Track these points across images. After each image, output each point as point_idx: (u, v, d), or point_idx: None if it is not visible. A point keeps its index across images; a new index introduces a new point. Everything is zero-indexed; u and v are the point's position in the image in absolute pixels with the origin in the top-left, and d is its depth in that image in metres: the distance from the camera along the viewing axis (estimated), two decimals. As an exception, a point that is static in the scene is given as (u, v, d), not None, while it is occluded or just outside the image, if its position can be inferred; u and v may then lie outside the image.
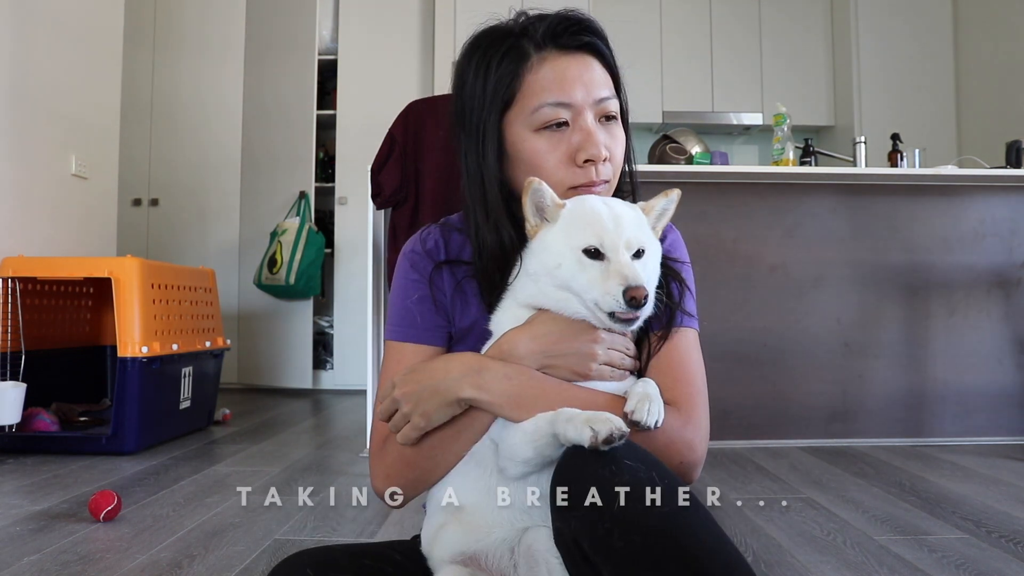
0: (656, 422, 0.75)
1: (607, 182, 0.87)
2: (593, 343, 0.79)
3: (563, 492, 0.68)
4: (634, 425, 0.74)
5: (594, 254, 0.75)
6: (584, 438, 0.68)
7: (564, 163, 0.84)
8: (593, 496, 0.65)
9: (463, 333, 0.90)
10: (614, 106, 0.86)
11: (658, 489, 0.65)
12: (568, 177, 0.84)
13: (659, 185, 0.94)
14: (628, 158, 0.93)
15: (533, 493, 0.75)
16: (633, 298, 0.72)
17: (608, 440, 0.67)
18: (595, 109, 0.84)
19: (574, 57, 0.85)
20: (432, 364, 0.81)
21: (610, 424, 0.68)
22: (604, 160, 0.84)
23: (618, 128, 0.87)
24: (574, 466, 0.69)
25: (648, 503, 0.64)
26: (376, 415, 0.84)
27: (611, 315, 0.74)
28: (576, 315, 0.78)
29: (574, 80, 0.84)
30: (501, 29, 0.88)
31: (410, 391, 0.79)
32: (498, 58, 0.85)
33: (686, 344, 0.87)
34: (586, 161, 0.84)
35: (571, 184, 0.85)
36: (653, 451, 0.76)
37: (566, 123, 0.84)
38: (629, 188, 0.94)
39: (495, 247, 0.86)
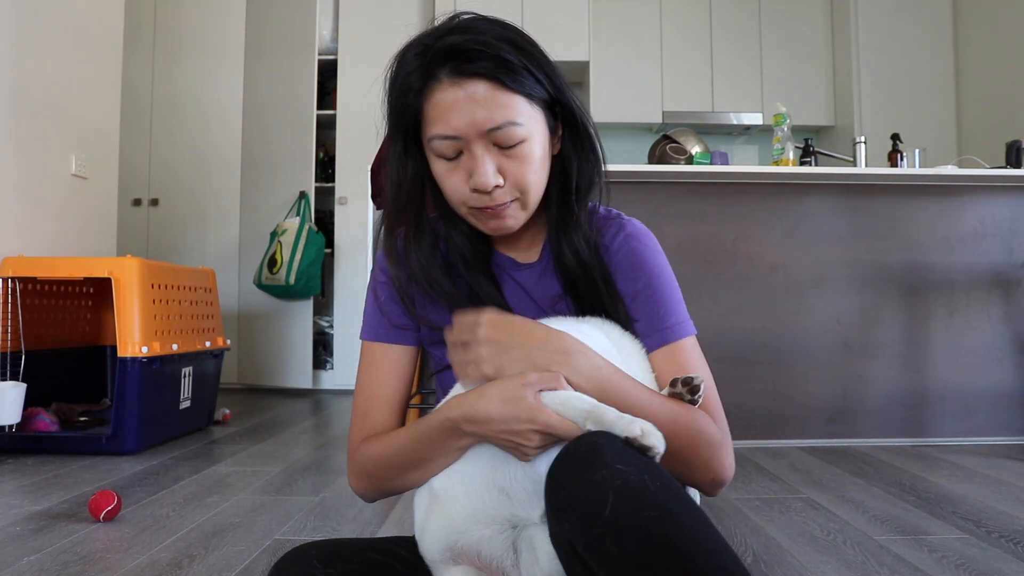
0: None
1: (515, 201, 0.86)
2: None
3: (557, 494, 0.68)
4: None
5: None
6: (633, 430, 0.69)
7: (462, 185, 0.85)
8: (585, 499, 0.65)
9: (435, 330, 0.92)
10: (512, 133, 0.82)
11: (651, 491, 0.64)
12: (469, 199, 0.85)
13: (659, 185, 0.94)
14: (596, 159, 0.91)
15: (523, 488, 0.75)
16: None
17: (644, 449, 0.68)
18: (487, 138, 0.82)
19: (462, 86, 0.81)
20: (528, 326, 0.79)
21: (658, 439, 0.69)
22: (496, 188, 0.83)
23: (522, 150, 0.83)
24: (567, 468, 0.68)
25: (641, 506, 0.63)
26: (447, 337, 0.81)
27: None
28: None
29: (458, 112, 0.81)
30: (414, 47, 0.85)
31: (499, 340, 0.77)
32: (401, 81, 0.85)
33: (688, 356, 0.89)
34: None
35: (472, 205, 0.86)
36: (690, 470, 0.79)
37: (460, 151, 0.84)
38: (583, 184, 0.91)
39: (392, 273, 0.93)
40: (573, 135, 0.90)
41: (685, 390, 0.81)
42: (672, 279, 0.94)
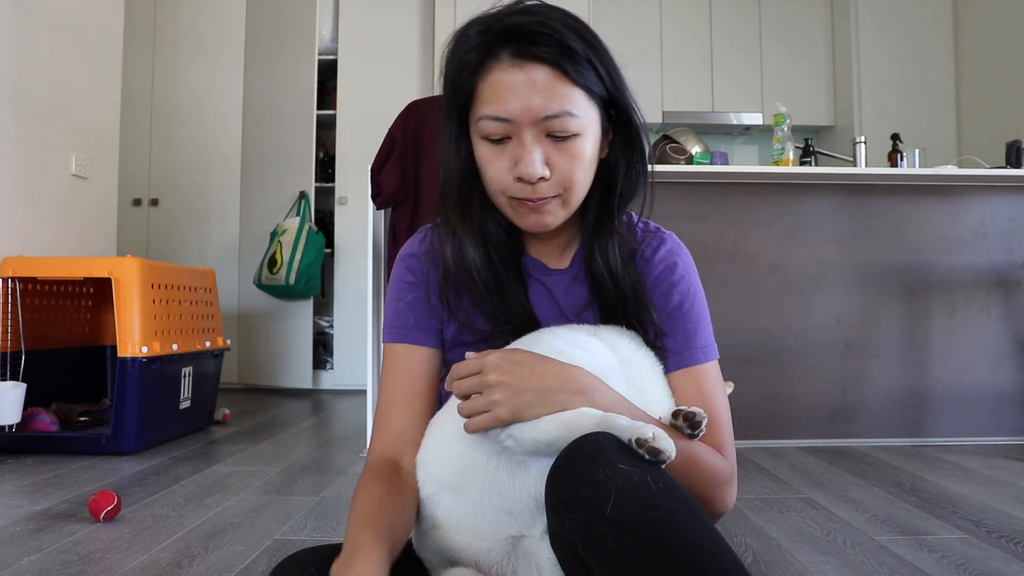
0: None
1: (556, 197, 0.83)
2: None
3: (558, 492, 0.67)
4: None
5: None
6: (646, 433, 0.68)
7: (505, 173, 0.82)
8: (587, 498, 0.64)
9: (457, 331, 0.91)
10: (567, 124, 0.79)
11: (653, 492, 0.64)
12: (509, 188, 0.83)
13: (659, 185, 0.94)
14: (640, 163, 0.90)
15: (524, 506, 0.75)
16: None
17: (654, 452, 0.67)
18: (540, 126, 0.79)
19: (523, 69, 0.78)
20: (537, 365, 0.75)
21: (669, 445, 0.68)
22: (540, 180, 0.81)
23: (575, 144, 0.81)
24: (569, 467, 0.68)
25: (642, 506, 0.63)
26: (453, 387, 0.77)
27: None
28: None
29: (514, 95, 0.78)
30: (476, 24, 0.84)
31: (511, 384, 0.73)
32: (459, 57, 0.83)
33: (709, 381, 0.88)
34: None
35: (511, 195, 0.83)
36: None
37: (509, 136, 0.81)
38: (627, 191, 0.91)
39: (447, 258, 0.89)
40: (625, 141, 0.88)
41: (685, 424, 0.79)
42: (704, 299, 0.93)
